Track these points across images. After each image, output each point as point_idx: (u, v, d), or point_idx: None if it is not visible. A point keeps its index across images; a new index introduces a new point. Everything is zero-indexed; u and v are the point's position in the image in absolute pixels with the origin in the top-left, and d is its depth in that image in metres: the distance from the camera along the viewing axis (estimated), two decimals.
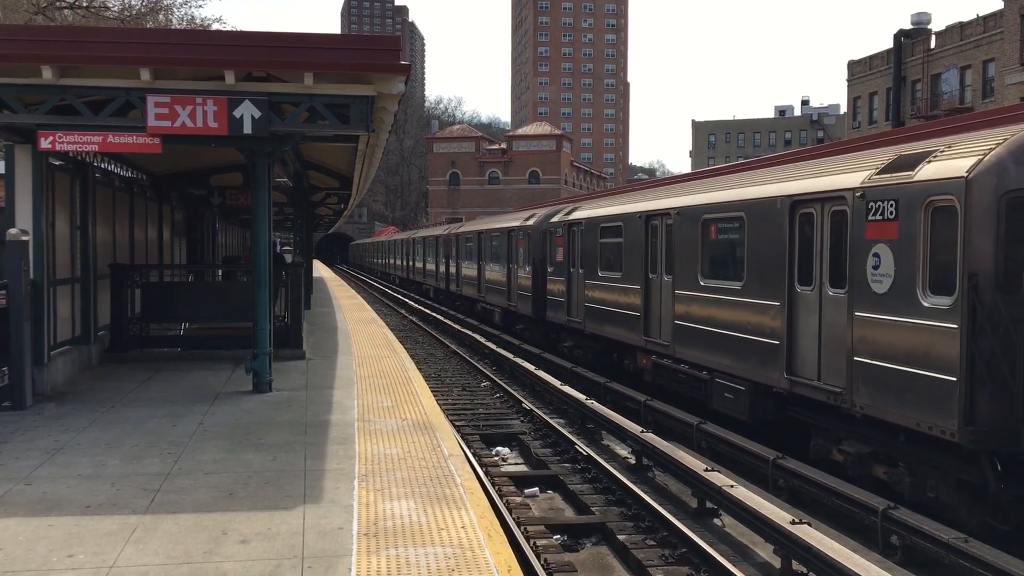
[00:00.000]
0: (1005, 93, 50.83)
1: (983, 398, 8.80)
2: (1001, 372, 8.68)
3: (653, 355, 16.87)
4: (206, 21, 43.01)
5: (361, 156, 17.74)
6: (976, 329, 8.88)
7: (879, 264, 10.25)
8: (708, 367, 14.45)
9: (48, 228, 12.82)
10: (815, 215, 11.64)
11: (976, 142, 9.50)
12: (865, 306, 10.43)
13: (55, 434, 9.99)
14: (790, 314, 12.10)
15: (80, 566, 6.07)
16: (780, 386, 12.28)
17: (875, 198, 10.34)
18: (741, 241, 13.57)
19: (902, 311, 9.85)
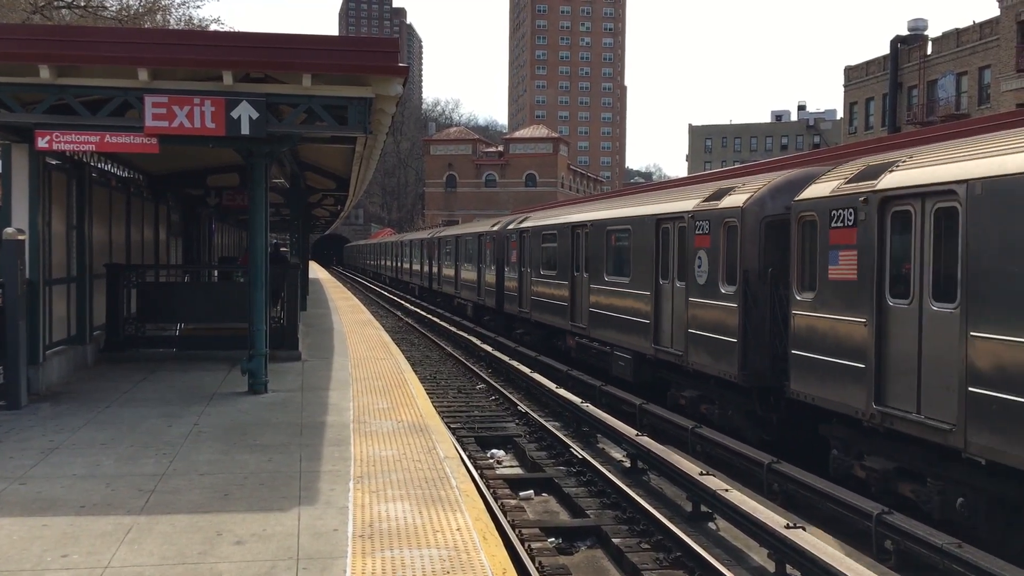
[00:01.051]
0: (1001, 99, 50.98)
1: (751, 352, 13.21)
2: (761, 335, 13.08)
3: (577, 337, 21.38)
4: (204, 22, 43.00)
5: (358, 158, 17.74)
6: (746, 307, 13.29)
7: (701, 264, 14.67)
8: (610, 343, 18.83)
9: (44, 227, 12.81)
10: (670, 229, 16.07)
11: (753, 184, 14.00)
12: (696, 293, 14.81)
13: (50, 434, 9.97)
14: (656, 300, 16.47)
15: (74, 566, 6.06)
16: (650, 353, 16.62)
17: (698, 219, 14.82)
18: (628, 247, 17.89)
19: (712, 295, 14.28)
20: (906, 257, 10.01)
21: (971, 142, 9.79)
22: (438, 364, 24.72)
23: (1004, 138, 9.22)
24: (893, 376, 10.10)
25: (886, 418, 10.12)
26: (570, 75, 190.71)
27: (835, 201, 11.16)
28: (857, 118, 68.09)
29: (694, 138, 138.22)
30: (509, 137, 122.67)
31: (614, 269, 18.80)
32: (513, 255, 27.74)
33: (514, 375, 20.88)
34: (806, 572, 8.17)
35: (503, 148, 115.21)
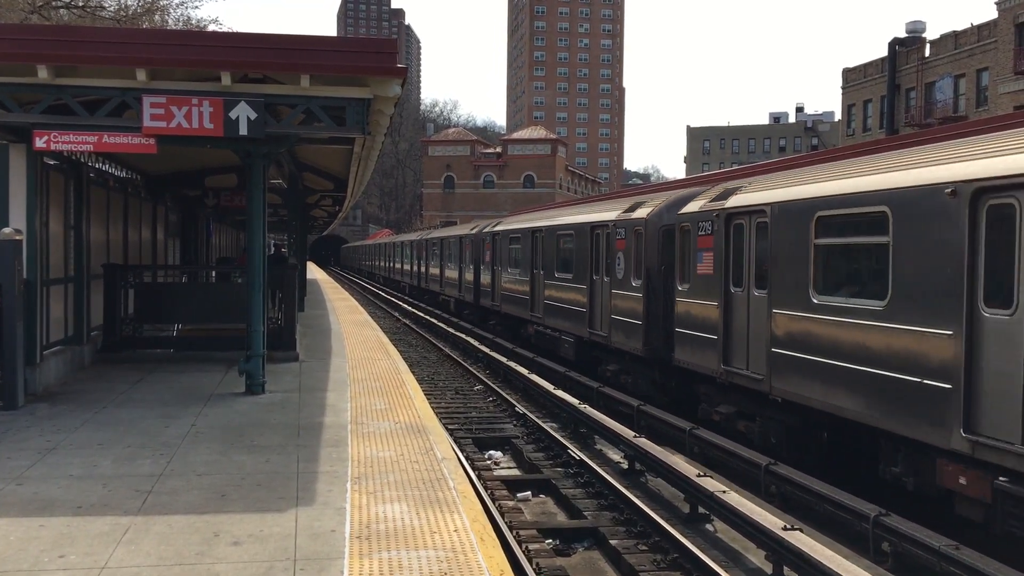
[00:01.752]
0: (999, 102, 51.06)
1: (651, 332, 16.87)
2: (658, 318, 16.73)
3: (535, 325, 25.11)
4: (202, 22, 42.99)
5: (356, 158, 17.74)
6: (648, 297, 16.96)
7: (620, 262, 18.33)
8: (559, 329, 22.67)
9: (42, 228, 12.79)
10: (600, 234, 19.80)
11: (656, 200, 17.79)
12: (615, 286, 18.52)
13: (47, 434, 9.96)
14: (590, 293, 20.18)
15: (71, 567, 6.06)
16: (586, 336, 20.47)
17: (619, 226, 18.52)
18: (572, 249, 21.73)
19: (626, 288, 18.00)
20: (741, 257, 13.59)
21: (777, 177, 13.65)
22: (436, 365, 24.72)
23: (796, 175, 12.99)
24: (733, 343, 13.74)
25: (729, 375, 13.73)
26: (568, 76, 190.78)
27: (701, 215, 14.82)
28: (855, 120, 68.19)
29: (692, 139, 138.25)
30: (507, 138, 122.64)
31: (562, 267, 22.58)
32: (487, 255, 31.22)
33: (512, 376, 20.88)
34: (803, 574, 8.18)
35: (501, 149, 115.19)
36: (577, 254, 21.19)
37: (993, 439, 8.55)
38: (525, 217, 29.88)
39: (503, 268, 28.82)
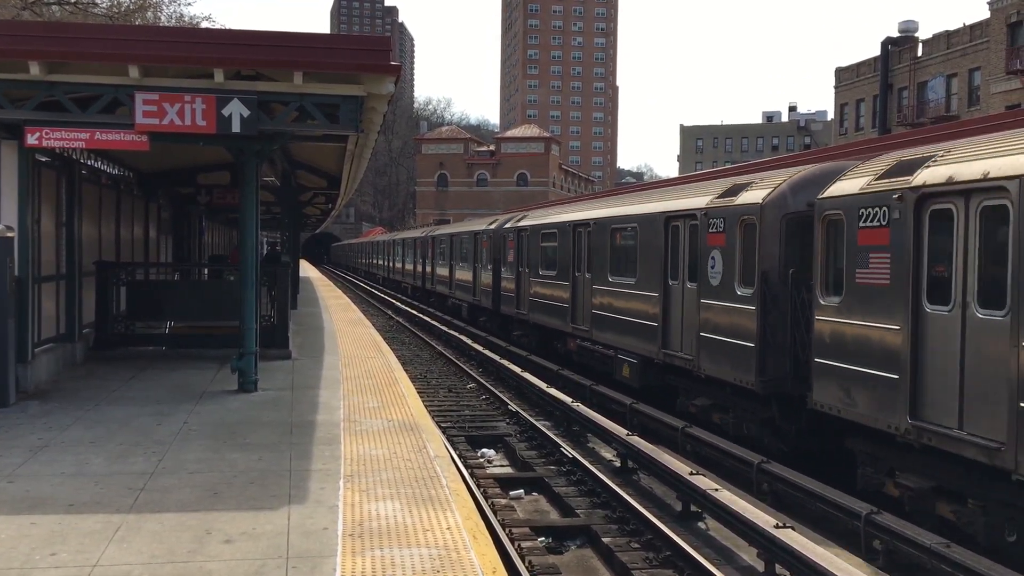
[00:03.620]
0: (991, 101, 51.23)
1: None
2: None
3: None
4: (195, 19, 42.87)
5: (350, 156, 17.73)
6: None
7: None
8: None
9: (34, 224, 12.75)
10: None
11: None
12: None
13: (38, 432, 9.93)
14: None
15: (63, 564, 6.04)
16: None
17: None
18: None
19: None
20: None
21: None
22: (428, 363, 24.71)
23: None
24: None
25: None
26: (562, 75, 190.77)
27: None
28: (848, 119, 68.33)
29: (685, 138, 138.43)
30: (501, 136, 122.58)
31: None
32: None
33: (505, 374, 20.88)
34: (795, 571, 8.20)
35: (495, 147, 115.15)
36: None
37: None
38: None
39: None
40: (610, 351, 18.27)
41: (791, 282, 12.11)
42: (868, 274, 10.40)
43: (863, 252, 10.48)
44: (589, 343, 19.69)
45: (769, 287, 12.46)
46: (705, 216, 14.23)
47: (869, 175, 10.74)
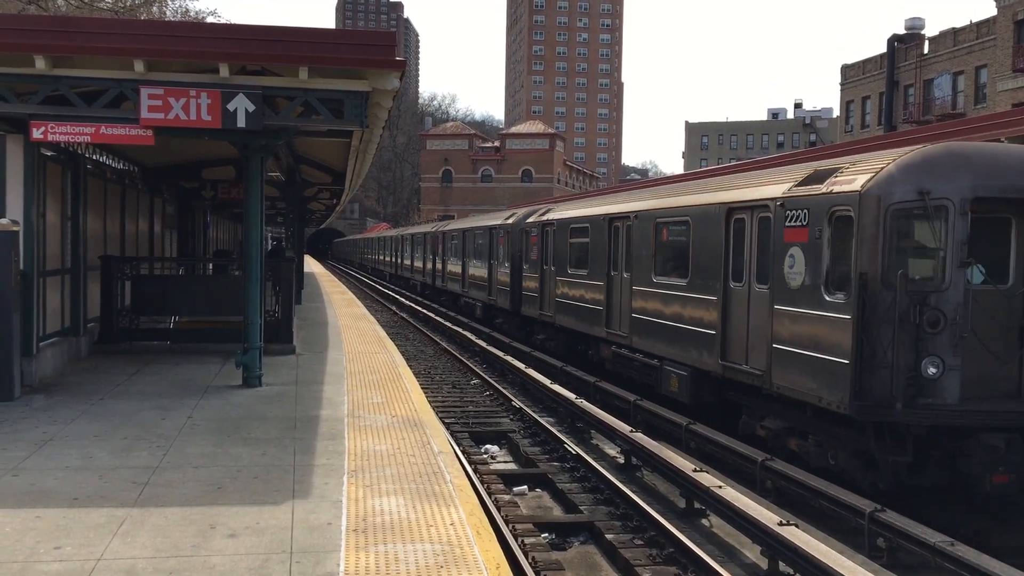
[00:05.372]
0: (997, 99, 51.05)
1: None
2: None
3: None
4: (200, 14, 42.78)
5: (354, 151, 17.72)
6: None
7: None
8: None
9: (39, 219, 12.76)
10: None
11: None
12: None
13: (43, 426, 9.95)
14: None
15: (67, 558, 6.05)
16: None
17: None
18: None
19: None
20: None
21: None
22: (433, 359, 24.72)
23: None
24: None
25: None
26: (567, 71, 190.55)
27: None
28: (853, 116, 68.17)
29: (690, 135, 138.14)
30: (505, 132, 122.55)
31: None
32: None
33: (509, 371, 20.88)
34: (799, 569, 8.19)
35: (499, 143, 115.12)
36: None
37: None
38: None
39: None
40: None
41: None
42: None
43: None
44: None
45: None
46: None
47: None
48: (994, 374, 10.40)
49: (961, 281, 10.14)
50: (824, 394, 10.86)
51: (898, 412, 10.00)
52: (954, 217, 10.16)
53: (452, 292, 38.09)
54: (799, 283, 11.59)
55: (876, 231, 10.36)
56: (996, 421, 10.15)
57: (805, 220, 11.56)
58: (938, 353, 10.06)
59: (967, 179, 10.24)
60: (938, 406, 10.05)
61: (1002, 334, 10.46)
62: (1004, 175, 10.41)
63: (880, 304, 10.23)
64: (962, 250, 10.14)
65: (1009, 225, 10.68)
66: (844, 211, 10.78)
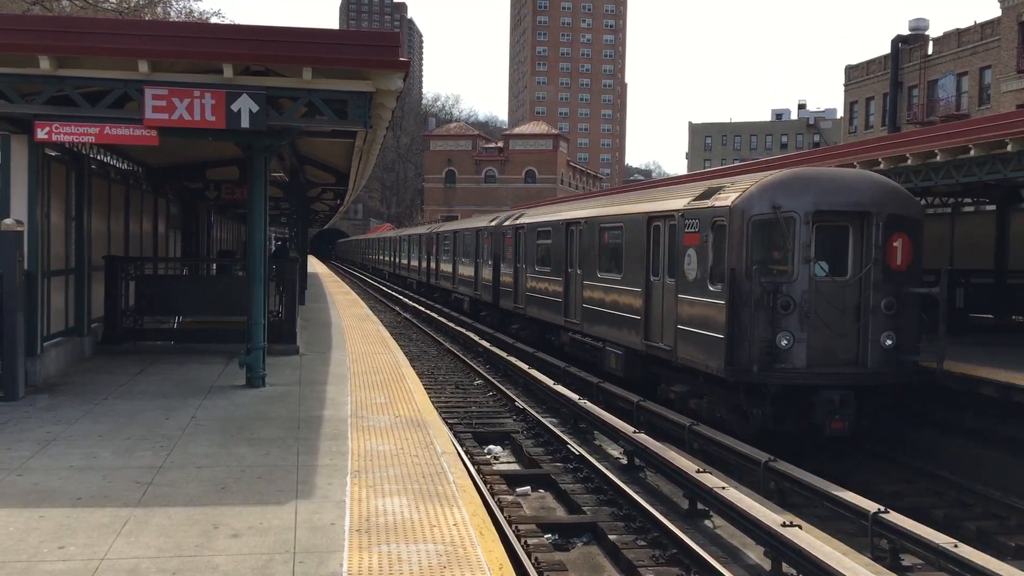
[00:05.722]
0: (1001, 100, 50.97)
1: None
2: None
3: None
4: (204, 14, 42.81)
5: (358, 152, 17.73)
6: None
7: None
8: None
9: (43, 219, 12.78)
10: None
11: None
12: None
13: (47, 425, 9.96)
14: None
15: (71, 558, 6.06)
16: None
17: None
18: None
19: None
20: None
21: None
22: (436, 359, 24.73)
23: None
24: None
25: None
26: (570, 72, 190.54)
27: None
28: (857, 117, 68.09)
29: (694, 136, 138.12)
30: (509, 133, 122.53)
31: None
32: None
33: (512, 371, 20.88)
34: (802, 570, 8.19)
35: (503, 144, 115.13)
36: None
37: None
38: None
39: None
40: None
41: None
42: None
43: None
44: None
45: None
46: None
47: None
48: (834, 345, 13.50)
49: (806, 274, 13.32)
50: (710, 363, 14.04)
51: (756, 375, 13.07)
52: (800, 226, 13.30)
53: (444, 289, 41.06)
54: (694, 277, 14.74)
55: (742, 236, 13.50)
56: (834, 381, 13.21)
57: (697, 227, 14.73)
58: (789, 329, 13.25)
59: (810, 197, 13.43)
60: (789, 370, 13.24)
61: (840, 315, 13.54)
62: (840, 194, 13.58)
63: (744, 292, 13.30)
64: (806, 250, 13.29)
65: (847, 231, 13.74)
66: (721, 220, 13.94)
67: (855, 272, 13.68)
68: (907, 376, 13.64)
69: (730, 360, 13.37)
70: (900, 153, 17.14)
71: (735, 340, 13.37)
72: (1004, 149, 14.72)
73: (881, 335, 13.49)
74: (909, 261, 13.74)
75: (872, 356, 13.50)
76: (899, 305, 13.56)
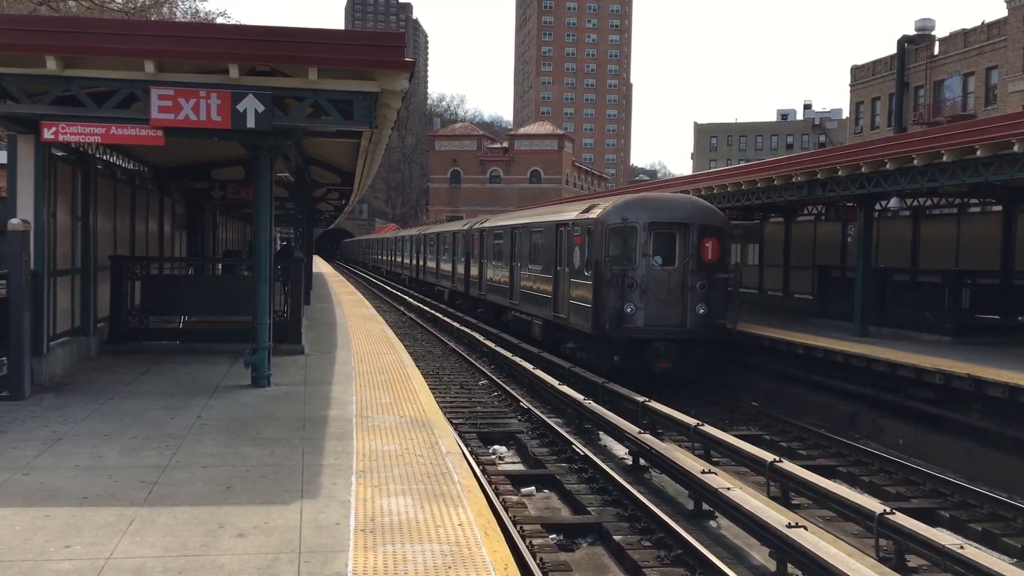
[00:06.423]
0: (1008, 100, 50.84)
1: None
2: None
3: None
4: (210, 15, 42.86)
5: (363, 152, 17.74)
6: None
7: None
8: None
9: (50, 218, 12.81)
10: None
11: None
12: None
13: (53, 425, 9.99)
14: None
15: (77, 557, 6.08)
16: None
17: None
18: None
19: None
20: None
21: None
22: (441, 359, 24.73)
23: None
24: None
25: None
26: (576, 72, 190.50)
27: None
28: (863, 118, 67.96)
29: (699, 136, 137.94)
30: (514, 133, 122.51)
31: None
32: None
33: (516, 371, 20.88)
34: (807, 571, 8.17)
35: (508, 144, 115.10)
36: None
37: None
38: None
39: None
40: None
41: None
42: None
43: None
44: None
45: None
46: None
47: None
48: (663, 312, 19.61)
49: (645, 264, 19.66)
50: (585, 325, 20.34)
51: (610, 332, 19.42)
52: (640, 232, 19.74)
53: (429, 283, 48.37)
54: (577, 266, 21.02)
55: (602, 238, 19.92)
56: (663, 335, 19.31)
57: (579, 231, 21.09)
58: (632, 301, 19.49)
59: (647, 213, 19.96)
60: (632, 328, 19.49)
61: (668, 292, 19.67)
62: (668, 211, 20.17)
63: (604, 276, 19.63)
64: (645, 248, 19.69)
65: (674, 236, 19.90)
66: (591, 227, 20.36)
67: (679, 263, 19.73)
68: (714, 334, 19.59)
69: (595, 322, 19.61)
70: (907, 153, 17.18)
71: (598, 308, 19.56)
72: (1011, 150, 14.70)
73: (696, 306, 19.49)
74: (717, 256, 19.85)
75: (690, 320, 19.52)
76: (709, 286, 19.57)
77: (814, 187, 20.70)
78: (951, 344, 18.70)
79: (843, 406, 17.56)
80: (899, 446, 15.54)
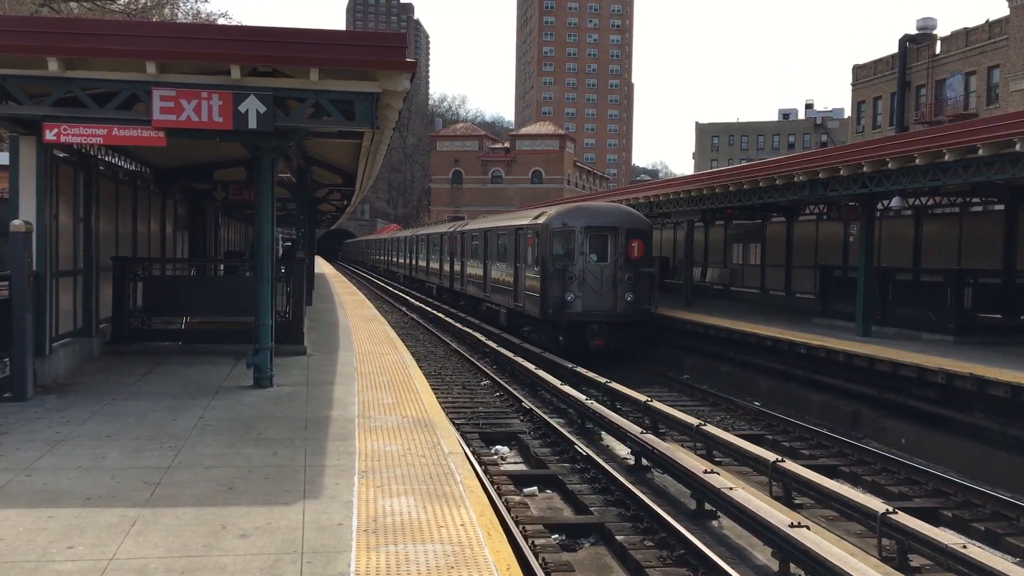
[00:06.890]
0: (1010, 99, 50.79)
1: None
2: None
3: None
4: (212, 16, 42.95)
5: (365, 152, 17.74)
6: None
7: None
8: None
9: (52, 220, 12.82)
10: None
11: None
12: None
13: (56, 426, 9.99)
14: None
15: (80, 558, 6.08)
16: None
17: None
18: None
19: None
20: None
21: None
22: (443, 360, 24.74)
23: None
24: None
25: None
26: (577, 72, 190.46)
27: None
28: (865, 117, 67.93)
29: (701, 136, 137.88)
30: (515, 134, 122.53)
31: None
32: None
33: (518, 372, 20.88)
34: (810, 571, 8.17)
35: (509, 144, 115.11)
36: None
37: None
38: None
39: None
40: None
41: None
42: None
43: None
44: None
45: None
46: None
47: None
48: (598, 300, 23.80)
49: (582, 261, 23.89)
50: (536, 311, 24.67)
51: (554, 316, 23.72)
52: (578, 234, 24.04)
53: (420, 280, 52.97)
54: (530, 262, 25.34)
55: (547, 239, 24.33)
56: (596, 319, 23.55)
57: (532, 234, 25.58)
58: (572, 291, 23.66)
59: (584, 219, 24.34)
60: (573, 313, 23.65)
61: (602, 283, 23.85)
62: (601, 217, 24.58)
63: (549, 271, 23.85)
64: (582, 247, 23.93)
65: (607, 237, 24.14)
66: (539, 230, 24.80)
67: (611, 260, 23.97)
68: (640, 317, 24.03)
69: (543, 309, 24.08)
70: (909, 153, 17.17)
71: (545, 297, 23.94)
72: (1012, 149, 14.69)
73: (625, 294, 23.76)
74: (642, 254, 24.15)
75: (620, 306, 23.83)
76: (635, 278, 23.88)
77: (816, 187, 20.71)
78: (953, 344, 18.70)
79: (844, 405, 17.56)
80: (901, 445, 15.52)
